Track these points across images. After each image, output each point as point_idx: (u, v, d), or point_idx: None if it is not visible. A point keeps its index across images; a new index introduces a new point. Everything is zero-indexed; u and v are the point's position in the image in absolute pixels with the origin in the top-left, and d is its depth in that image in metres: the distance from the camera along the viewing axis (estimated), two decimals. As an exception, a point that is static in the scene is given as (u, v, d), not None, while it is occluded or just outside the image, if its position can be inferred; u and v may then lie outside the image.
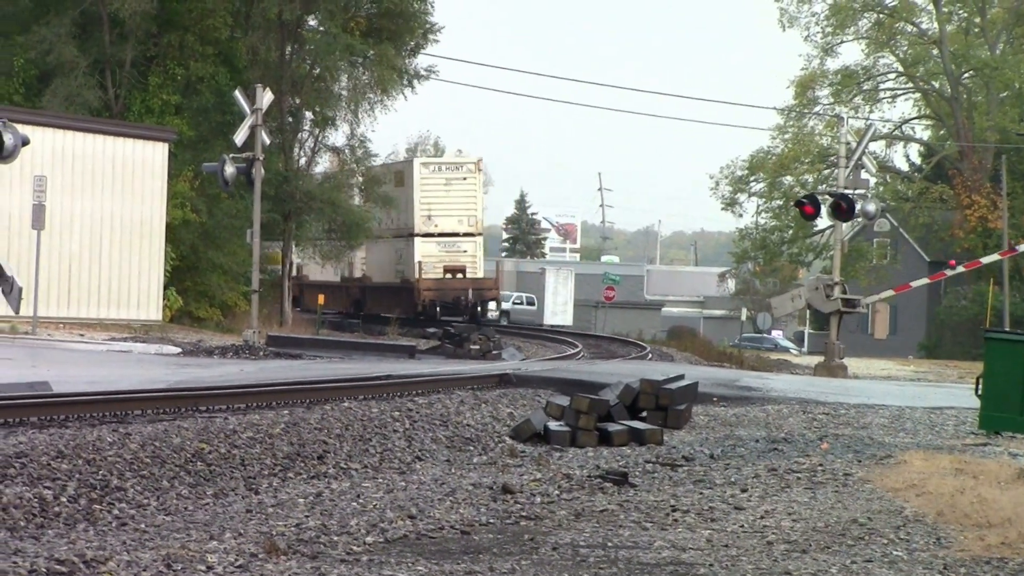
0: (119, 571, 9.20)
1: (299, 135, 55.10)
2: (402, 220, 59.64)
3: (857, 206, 40.62)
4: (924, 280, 48.80)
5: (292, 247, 54.19)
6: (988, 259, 50.81)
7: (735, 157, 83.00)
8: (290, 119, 53.80)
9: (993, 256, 51.18)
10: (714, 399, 24.78)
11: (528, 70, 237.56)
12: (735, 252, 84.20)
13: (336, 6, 52.05)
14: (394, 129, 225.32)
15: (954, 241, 75.76)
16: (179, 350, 33.51)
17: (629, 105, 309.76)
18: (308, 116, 55.21)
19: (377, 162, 59.94)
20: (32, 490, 11.73)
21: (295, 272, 56.64)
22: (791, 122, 79.68)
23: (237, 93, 39.02)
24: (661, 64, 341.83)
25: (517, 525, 12.00)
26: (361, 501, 12.84)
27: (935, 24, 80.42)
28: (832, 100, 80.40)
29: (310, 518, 11.75)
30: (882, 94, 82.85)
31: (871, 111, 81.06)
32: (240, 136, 37.78)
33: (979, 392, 20.00)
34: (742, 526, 11.92)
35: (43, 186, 35.40)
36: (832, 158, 67.26)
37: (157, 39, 49.71)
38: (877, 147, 77.60)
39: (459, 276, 59.04)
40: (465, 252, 59.73)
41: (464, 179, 60.21)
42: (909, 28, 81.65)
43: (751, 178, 79.25)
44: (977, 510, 12.15)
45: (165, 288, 43.85)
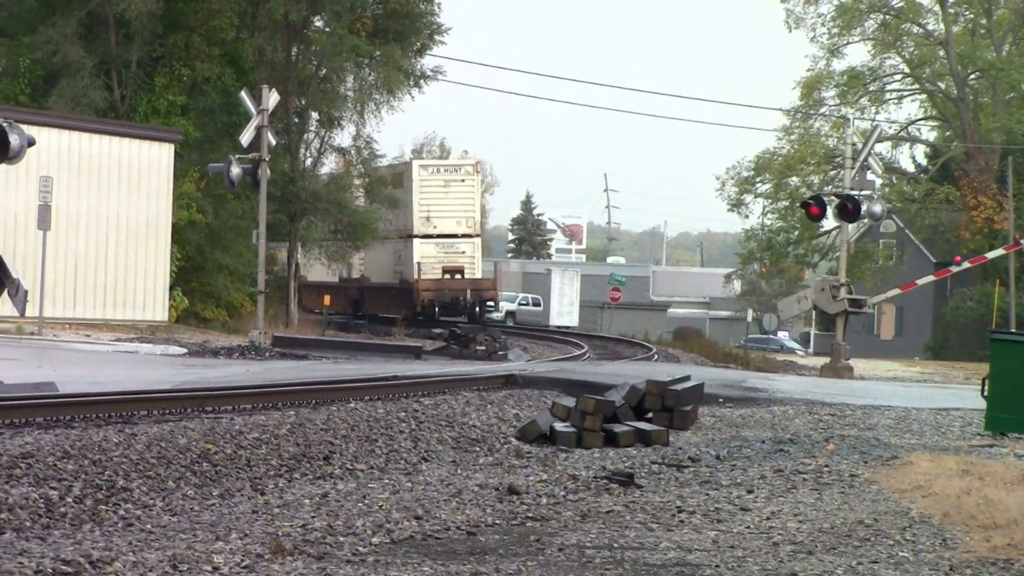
0: (125, 572, 9.20)
1: (305, 136, 55.18)
2: (401, 221, 59.76)
3: (863, 207, 40.55)
4: (930, 277, 48.63)
5: (298, 248, 54.25)
6: (993, 254, 50.66)
7: (741, 158, 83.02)
8: (296, 120, 53.87)
9: (999, 251, 51.00)
10: (720, 400, 24.77)
11: (535, 71, 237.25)
12: (741, 253, 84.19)
13: (342, 7, 52.12)
14: (399, 130, 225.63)
15: (960, 242, 75.66)
16: (185, 351, 33.54)
17: (635, 106, 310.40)
18: (314, 117, 55.27)
19: (382, 163, 60.10)
20: (38, 490, 11.74)
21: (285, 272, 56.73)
22: (797, 123, 79.68)
23: (243, 94, 39.06)
24: (668, 65, 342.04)
25: (523, 526, 11.99)
26: (367, 502, 12.83)
27: (941, 25, 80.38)
28: (838, 101, 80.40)
29: (316, 519, 11.74)
30: (888, 95, 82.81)
31: (877, 112, 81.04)
32: (246, 137, 37.84)
33: (985, 393, 19.99)
34: (748, 527, 11.90)
35: (49, 187, 35.46)
36: (838, 159, 67.27)
37: (163, 40, 49.74)
38: (883, 148, 77.60)
39: (457, 277, 59.32)
40: (463, 253, 60.07)
41: (462, 181, 60.52)
42: (915, 29, 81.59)
43: (757, 179, 79.22)
44: (983, 511, 12.13)
45: (171, 289, 43.90)
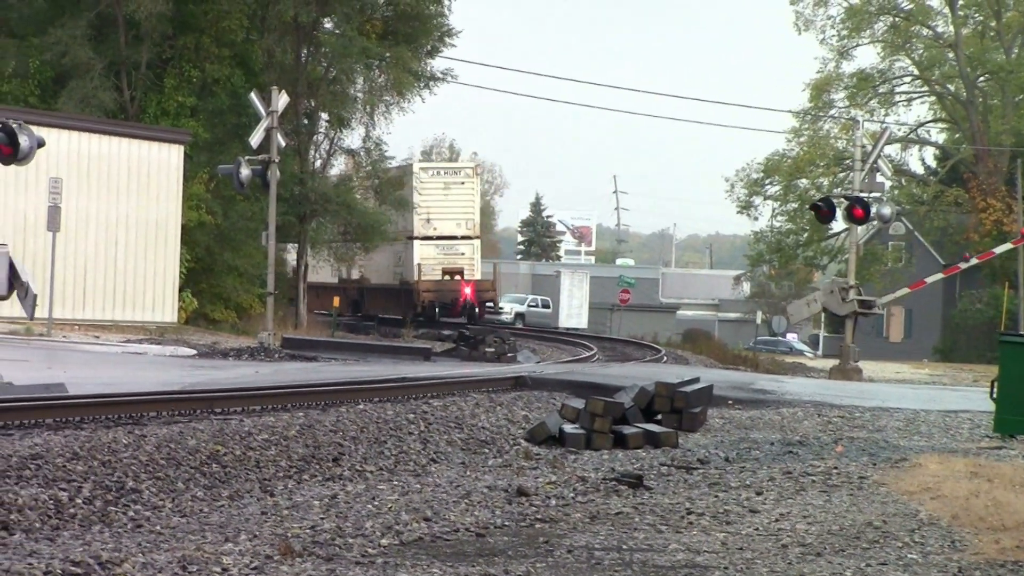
0: (134, 573, 9.21)
1: (314, 137, 55.20)
2: (401, 223, 59.88)
3: (872, 209, 40.51)
4: (939, 275, 48.49)
5: (307, 249, 54.31)
6: (1001, 248, 50.57)
7: (751, 160, 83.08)
8: (306, 121, 53.88)
9: (1006, 245, 50.86)
10: (729, 402, 24.75)
11: (545, 73, 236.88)
12: (750, 255, 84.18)
13: (352, 9, 52.15)
14: (409, 132, 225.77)
15: (969, 244, 75.60)
16: (194, 352, 33.55)
17: (644, 108, 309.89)
18: (324, 118, 55.32)
19: (391, 165, 60.19)
20: (47, 492, 11.75)
21: (291, 274, 56.84)
22: (807, 125, 79.74)
23: (253, 95, 39.10)
24: (676, 67, 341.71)
25: (532, 527, 11.99)
26: (376, 503, 12.83)
27: (951, 27, 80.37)
28: (847, 103, 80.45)
29: (325, 520, 11.75)
30: (897, 97, 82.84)
31: (886, 114, 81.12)
32: (256, 138, 37.88)
33: (994, 395, 19.97)
34: (757, 529, 11.91)
35: (59, 188, 35.49)
36: (847, 161, 67.25)
37: (173, 41, 49.74)
38: (892, 150, 77.62)
39: (457, 278, 59.55)
40: (463, 255, 60.44)
41: (462, 183, 60.83)
42: (925, 31, 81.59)
43: (766, 181, 79.25)
44: (992, 513, 12.13)
45: (180, 290, 43.91)
